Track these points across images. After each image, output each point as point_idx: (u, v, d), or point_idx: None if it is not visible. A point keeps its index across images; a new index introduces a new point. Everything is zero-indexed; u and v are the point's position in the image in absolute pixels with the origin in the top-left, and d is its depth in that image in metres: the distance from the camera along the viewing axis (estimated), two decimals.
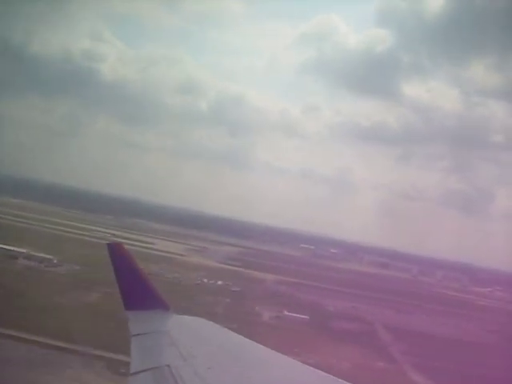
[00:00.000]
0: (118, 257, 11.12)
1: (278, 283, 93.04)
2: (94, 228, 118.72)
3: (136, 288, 11.03)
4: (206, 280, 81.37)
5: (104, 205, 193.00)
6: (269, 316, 66.59)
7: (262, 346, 8.37)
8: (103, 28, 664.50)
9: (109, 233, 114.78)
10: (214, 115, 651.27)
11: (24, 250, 75.54)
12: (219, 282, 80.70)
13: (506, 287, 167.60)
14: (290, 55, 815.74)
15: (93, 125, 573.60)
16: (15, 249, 75.69)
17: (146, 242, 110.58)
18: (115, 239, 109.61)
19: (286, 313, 67.81)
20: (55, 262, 74.27)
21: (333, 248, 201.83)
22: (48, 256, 74.84)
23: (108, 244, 11.26)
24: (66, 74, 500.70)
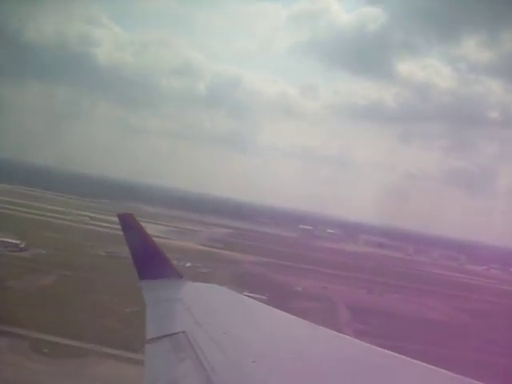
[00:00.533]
0: (129, 227, 11.27)
1: (255, 264, 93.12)
2: (80, 212, 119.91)
3: (148, 257, 11.10)
4: (175, 262, 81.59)
5: (103, 189, 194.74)
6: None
7: (278, 310, 8.27)
8: (97, 12, 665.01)
9: (90, 216, 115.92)
10: (212, 97, 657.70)
11: None
12: (188, 264, 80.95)
13: (503, 265, 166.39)
14: (283, 36, 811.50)
15: (93, 109, 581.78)
16: None
17: None
18: (92, 222, 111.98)
19: (244, 293, 67.71)
20: (22, 246, 74.66)
21: (333, 228, 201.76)
22: (15, 241, 75.39)
23: (118, 215, 11.36)
24: (62, 59, 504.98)
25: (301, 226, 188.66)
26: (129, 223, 11.38)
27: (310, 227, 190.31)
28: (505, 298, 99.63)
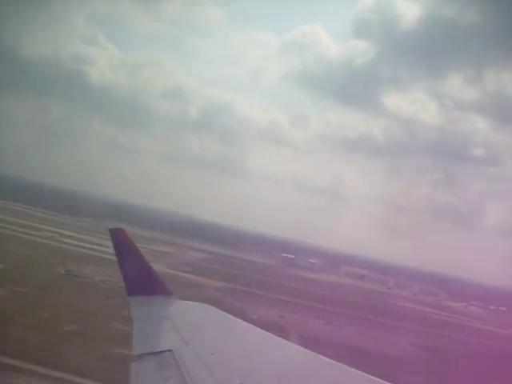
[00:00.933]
0: (120, 242, 11.34)
1: (217, 290, 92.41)
2: (53, 229, 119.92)
3: (138, 273, 11.07)
4: None
5: (88, 206, 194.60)
6: None
7: (265, 332, 8.37)
8: (93, 31, 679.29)
9: (61, 233, 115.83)
10: (203, 122, 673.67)
11: None
12: None
13: (483, 302, 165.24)
14: (274, 64, 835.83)
15: (84, 126, 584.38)
16: None
17: (100, 245, 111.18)
18: (63, 240, 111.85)
19: None
20: None
21: (317, 258, 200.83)
22: None
23: (110, 229, 11.52)
24: (55, 75, 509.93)
25: (283, 255, 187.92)
26: (119, 238, 11.43)
27: (291, 256, 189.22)
28: (471, 335, 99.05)
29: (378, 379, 5.45)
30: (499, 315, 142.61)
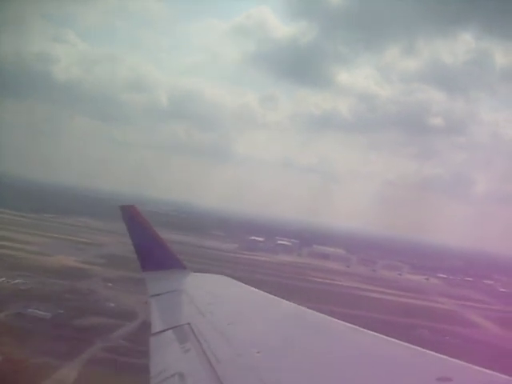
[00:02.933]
0: (132, 218, 11.55)
1: (109, 280, 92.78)
2: None
3: (151, 248, 11.35)
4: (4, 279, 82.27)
5: (59, 201, 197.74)
6: (12, 313, 66.71)
7: (284, 300, 8.35)
8: (49, 29, 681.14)
9: None
10: (176, 110, 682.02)
11: None
12: (16, 281, 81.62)
13: (456, 273, 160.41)
14: (229, 49, 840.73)
15: (66, 123, 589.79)
16: None
17: (26, 242, 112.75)
18: None
19: (29, 310, 67.82)
20: None
21: (293, 238, 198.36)
22: None
23: (121, 206, 11.67)
24: (21, 75, 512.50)
25: (251, 238, 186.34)
26: (131, 214, 11.53)
27: (260, 238, 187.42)
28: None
29: (398, 342, 5.19)
30: (455, 287, 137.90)
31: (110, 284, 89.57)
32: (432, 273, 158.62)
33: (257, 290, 9.23)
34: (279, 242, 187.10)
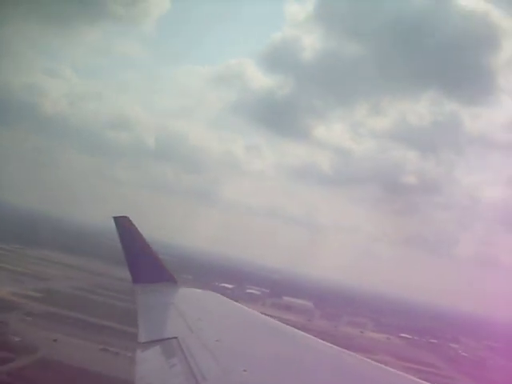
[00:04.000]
0: (125, 230, 11.39)
1: (28, 314, 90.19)
2: None
3: (143, 261, 11.22)
4: None
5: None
6: None
7: (271, 319, 8.47)
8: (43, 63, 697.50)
9: None
10: (162, 152, 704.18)
11: None
12: None
13: (422, 335, 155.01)
14: (210, 96, 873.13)
15: (49, 152, 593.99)
16: None
17: None
18: None
19: None
20: None
21: (265, 288, 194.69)
22: None
23: (114, 217, 11.42)
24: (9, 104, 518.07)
25: (221, 285, 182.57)
26: (124, 226, 11.30)
27: (230, 286, 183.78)
28: None
29: (383, 366, 5.44)
30: (414, 349, 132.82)
31: (28, 318, 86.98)
32: (398, 332, 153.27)
33: (246, 307, 9.35)
34: (248, 290, 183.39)
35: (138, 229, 11.22)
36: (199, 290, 11.81)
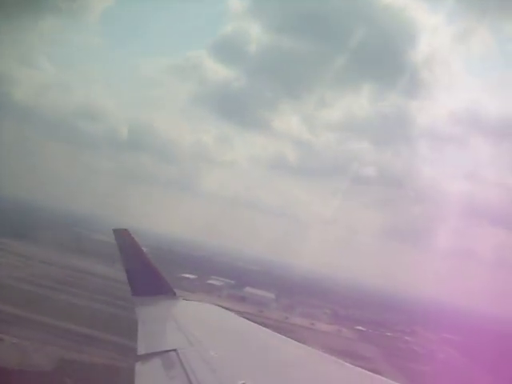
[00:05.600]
0: (124, 242, 11.45)
1: None
2: None
3: (142, 274, 11.25)
4: None
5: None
6: None
7: (270, 331, 8.47)
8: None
9: None
10: (136, 142, 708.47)
11: None
12: None
13: (377, 327, 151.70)
14: (174, 88, 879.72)
15: (24, 141, 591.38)
16: None
17: None
18: None
19: None
20: None
21: (230, 279, 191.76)
22: None
23: (114, 230, 11.65)
24: None
25: (182, 275, 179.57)
26: (124, 239, 11.41)
27: (193, 276, 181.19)
28: None
29: (383, 378, 5.39)
30: (362, 342, 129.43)
31: None
32: (354, 324, 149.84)
33: (246, 320, 9.39)
34: (209, 281, 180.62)
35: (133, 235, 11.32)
36: (198, 303, 11.82)
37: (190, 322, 9.36)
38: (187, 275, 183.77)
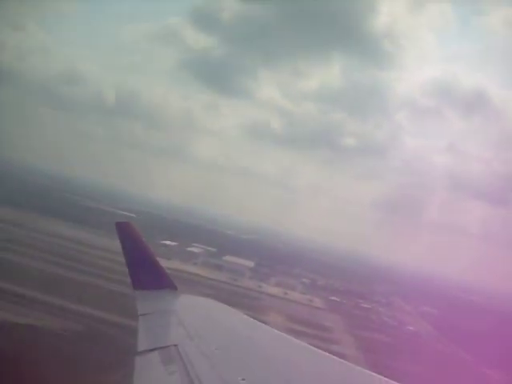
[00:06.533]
0: (127, 236, 11.41)
1: None
2: None
3: (144, 267, 11.24)
4: None
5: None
6: None
7: (270, 327, 8.31)
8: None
9: None
10: (124, 108, 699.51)
11: None
12: None
13: (354, 298, 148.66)
14: (154, 55, 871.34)
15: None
16: None
17: None
18: None
19: None
20: None
21: (213, 246, 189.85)
22: None
23: (116, 223, 11.39)
24: None
25: (162, 242, 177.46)
26: (126, 232, 11.31)
27: (174, 243, 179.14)
28: None
29: (382, 377, 5.52)
30: (332, 313, 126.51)
31: None
32: (330, 295, 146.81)
33: (246, 315, 9.30)
34: (189, 248, 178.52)
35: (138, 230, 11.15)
36: (199, 297, 11.63)
37: (191, 317, 9.32)
38: (168, 242, 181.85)
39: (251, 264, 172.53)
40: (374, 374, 5.67)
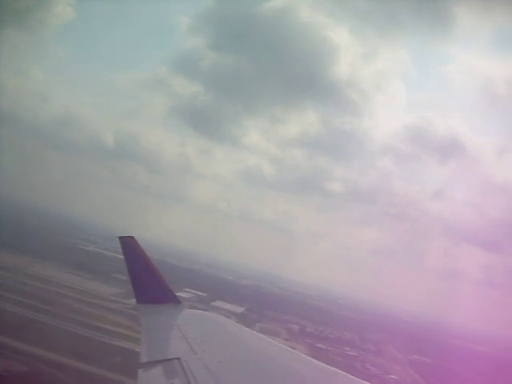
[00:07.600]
0: (130, 250, 11.68)
1: None
2: None
3: (147, 281, 11.55)
4: None
5: None
6: None
7: (274, 341, 8.41)
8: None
9: None
10: (122, 152, 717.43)
11: None
12: None
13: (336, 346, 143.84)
14: (148, 101, 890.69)
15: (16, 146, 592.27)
16: None
17: None
18: None
19: None
20: None
21: (203, 292, 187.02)
22: None
23: (120, 237, 11.74)
24: None
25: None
26: (130, 246, 11.55)
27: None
28: None
29: None
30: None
31: None
32: (315, 342, 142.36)
33: (250, 330, 9.57)
34: (178, 293, 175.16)
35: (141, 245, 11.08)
36: (203, 312, 12.14)
37: (194, 331, 9.22)
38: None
39: (241, 310, 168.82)
40: None
